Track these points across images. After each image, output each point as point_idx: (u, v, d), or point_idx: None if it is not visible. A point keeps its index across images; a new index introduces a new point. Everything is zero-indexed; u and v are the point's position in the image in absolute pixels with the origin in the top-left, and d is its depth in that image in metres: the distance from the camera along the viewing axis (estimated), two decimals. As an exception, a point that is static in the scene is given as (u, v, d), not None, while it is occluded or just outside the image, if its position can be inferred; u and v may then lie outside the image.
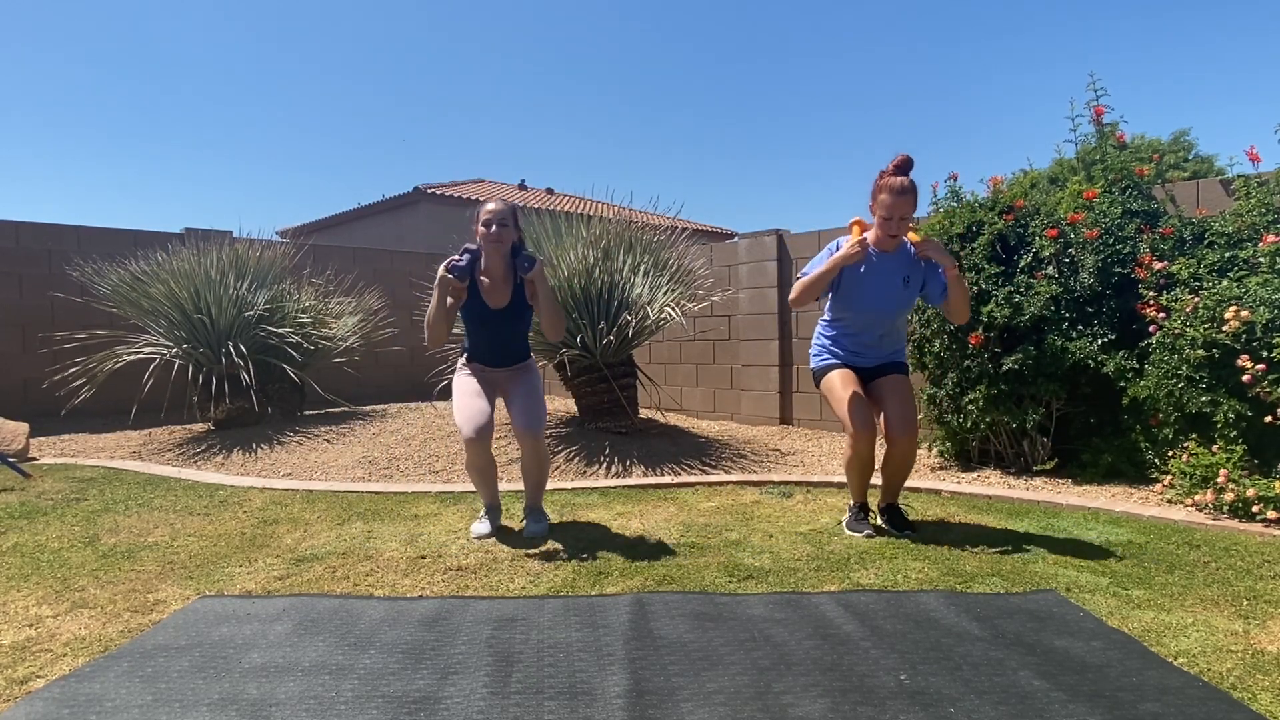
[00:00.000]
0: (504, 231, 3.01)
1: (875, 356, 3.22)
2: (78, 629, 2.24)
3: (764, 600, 2.39)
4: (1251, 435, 3.41)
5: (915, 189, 3.00)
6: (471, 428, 3.02)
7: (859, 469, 3.17)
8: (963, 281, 3.07)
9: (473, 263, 3.02)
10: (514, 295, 3.10)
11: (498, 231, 3.00)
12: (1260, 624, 2.19)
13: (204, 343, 5.66)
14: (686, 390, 7.19)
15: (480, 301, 3.08)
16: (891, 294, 3.10)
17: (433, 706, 1.74)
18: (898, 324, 3.23)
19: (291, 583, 2.63)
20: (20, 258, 6.76)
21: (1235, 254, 3.77)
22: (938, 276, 3.08)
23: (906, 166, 2.99)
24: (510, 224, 3.04)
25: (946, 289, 3.05)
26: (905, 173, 2.99)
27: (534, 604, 2.38)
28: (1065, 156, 5.11)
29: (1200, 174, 18.56)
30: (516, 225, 3.09)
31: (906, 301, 3.15)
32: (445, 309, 3.04)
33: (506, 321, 3.13)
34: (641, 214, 5.87)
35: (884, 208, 3.00)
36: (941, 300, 3.11)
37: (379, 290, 7.92)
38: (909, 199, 2.98)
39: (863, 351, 3.21)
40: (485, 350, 3.19)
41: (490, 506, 3.26)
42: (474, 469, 3.16)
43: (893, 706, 1.72)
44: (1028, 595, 2.42)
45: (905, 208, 2.98)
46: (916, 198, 3.00)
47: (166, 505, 3.77)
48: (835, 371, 3.19)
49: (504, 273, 3.09)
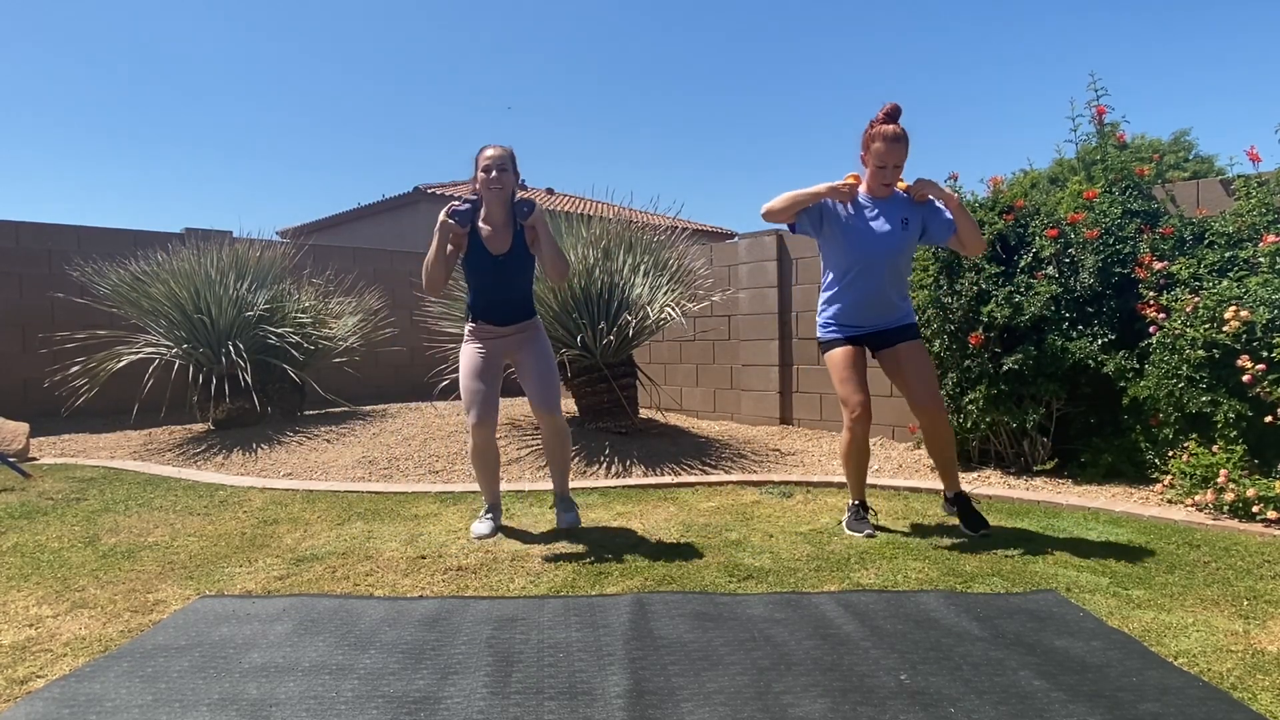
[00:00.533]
0: (504, 176, 3.01)
1: (881, 318, 3.11)
2: (78, 629, 2.24)
3: (764, 600, 2.39)
4: (1252, 435, 3.41)
5: (907, 136, 2.98)
6: (474, 414, 3.04)
7: (856, 456, 3.13)
8: (966, 211, 3.00)
9: (474, 211, 3.02)
10: (514, 241, 3.08)
11: (498, 176, 2.99)
12: (1260, 624, 2.19)
13: (204, 343, 5.66)
14: (686, 390, 7.19)
15: (482, 249, 3.05)
16: (889, 238, 3.02)
17: (433, 706, 1.74)
18: (901, 271, 3.11)
19: (291, 583, 2.63)
20: (20, 258, 6.75)
21: (1235, 254, 3.77)
22: (939, 215, 3.04)
23: (896, 114, 2.97)
24: (510, 169, 3.04)
25: (953, 224, 3.01)
26: (895, 120, 2.97)
27: (534, 604, 2.38)
28: (1065, 156, 5.11)
29: (1200, 174, 18.55)
30: (515, 170, 3.09)
31: (905, 243, 3.05)
32: (445, 255, 3.03)
33: (509, 269, 3.09)
34: (641, 214, 5.87)
35: (877, 156, 2.98)
36: (949, 236, 3.04)
37: (379, 290, 7.91)
38: (902, 146, 2.97)
39: (866, 312, 3.10)
40: (489, 304, 3.13)
41: (492, 505, 3.25)
42: (478, 456, 3.15)
43: (893, 706, 1.72)
44: (1028, 595, 2.42)
45: (898, 155, 2.97)
46: (908, 146, 2.98)
47: (166, 505, 3.77)
48: (839, 349, 3.13)
49: (504, 219, 3.07)
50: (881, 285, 3.08)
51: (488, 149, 3.06)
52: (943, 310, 4.38)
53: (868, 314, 3.12)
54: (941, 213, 3.05)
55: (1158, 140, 20.87)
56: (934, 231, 3.09)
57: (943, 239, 3.09)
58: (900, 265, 3.11)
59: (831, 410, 5.98)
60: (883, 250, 3.03)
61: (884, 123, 2.97)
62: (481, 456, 3.16)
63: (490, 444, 3.14)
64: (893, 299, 3.13)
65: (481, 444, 3.11)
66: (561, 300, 5.01)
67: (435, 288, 3.06)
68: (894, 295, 3.13)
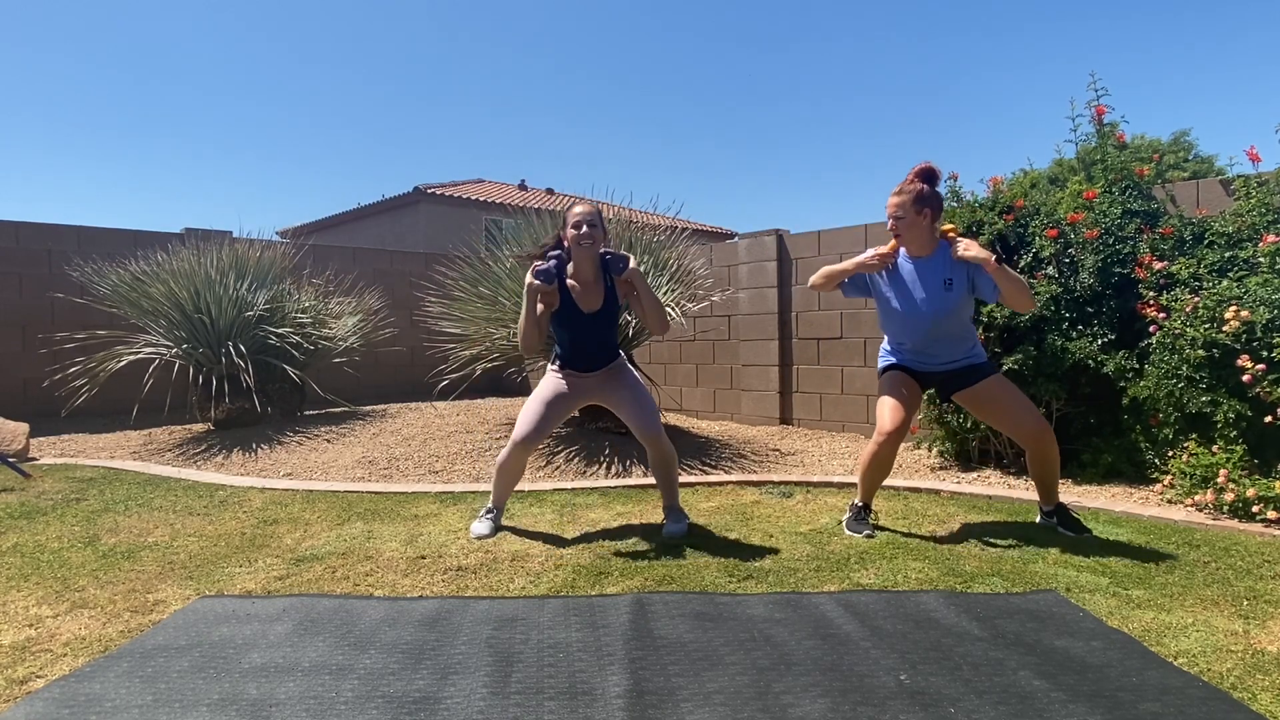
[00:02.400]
0: (594, 232, 2.98)
1: (942, 361, 3.12)
2: (78, 629, 2.24)
3: (764, 600, 2.39)
4: (1251, 435, 3.41)
5: (914, 192, 2.98)
6: (524, 432, 3.05)
7: (875, 469, 3.12)
8: (1006, 270, 2.93)
9: (560, 267, 2.99)
10: (606, 297, 3.07)
11: (589, 233, 2.97)
12: (1260, 624, 2.19)
13: (204, 343, 5.66)
14: (686, 390, 7.19)
15: (573, 306, 3.03)
16: (933, 301, 3.01)
17: (433, 706, 1.74)
18: (950, 328, 3.06)
19: (291, 583, 2.63)
20: (20, 258, 6.75)
21: (1235, 254, 3.77)
22: (985, 274, 3.00)
23: (919, 175, 3.03)
24: (599, 224, 3.02)
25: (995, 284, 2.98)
26: (923, 180, 3.01)
27: (534, 604, 2.38)
28: (1065, 156, 5.11)
29: (1200, 174, 18.55)
30: (604, 227, 3.08)
31: (951, 304, 3.00)
32: (536, 316, 2.98)
33: (599, 325, 3.08)
34: (641, 214, 5.87)
35: (887, 209, 3.05)
36: (996, 296, 3.00)
37: (379, 290, 7.91)
38: (902, 199, 2.99)
39: (927, 363, 3.14)
40: (578, 355, 3.13)
41: (497, 507, 3.26)
42: (505, 471, 3.15)
43: (893, 706, 1.72)
44: (1028, 595, 2.42)
45: (897, 208, 3.00)
46: (917, 198, 2.98)
47: (166, 505, 3.77)
48: (891, 372, 3.18)
49: (594, 275, 3.05)
50: (936, 342, 3.09)
51: (576, 205, 3.05)
52: (943, 310, 4.38)
53: (928, 363, 3.15)
54: (986, 273, 2.96)
55: (1157, 140, 20.88)
56: (982, 290, 3.00)
57: (991, 300, 3.03)
58: (953, 323, 3.06)
59: (831, 410, 5.98)
60: (927, 314, 3.03)
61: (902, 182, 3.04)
62: (508, 472, 3.17)
63: (522, 465, 3.16)
64: (957, 351, 3.11)
65: (515, 462, 3.12)
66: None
67: (531, 349, 3.06)
68: (958, 348, 3.11)
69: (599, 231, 3.01)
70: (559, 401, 3.12)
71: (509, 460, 3.12)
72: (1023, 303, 2.98)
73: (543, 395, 3.13)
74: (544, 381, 3.18)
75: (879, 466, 3.11)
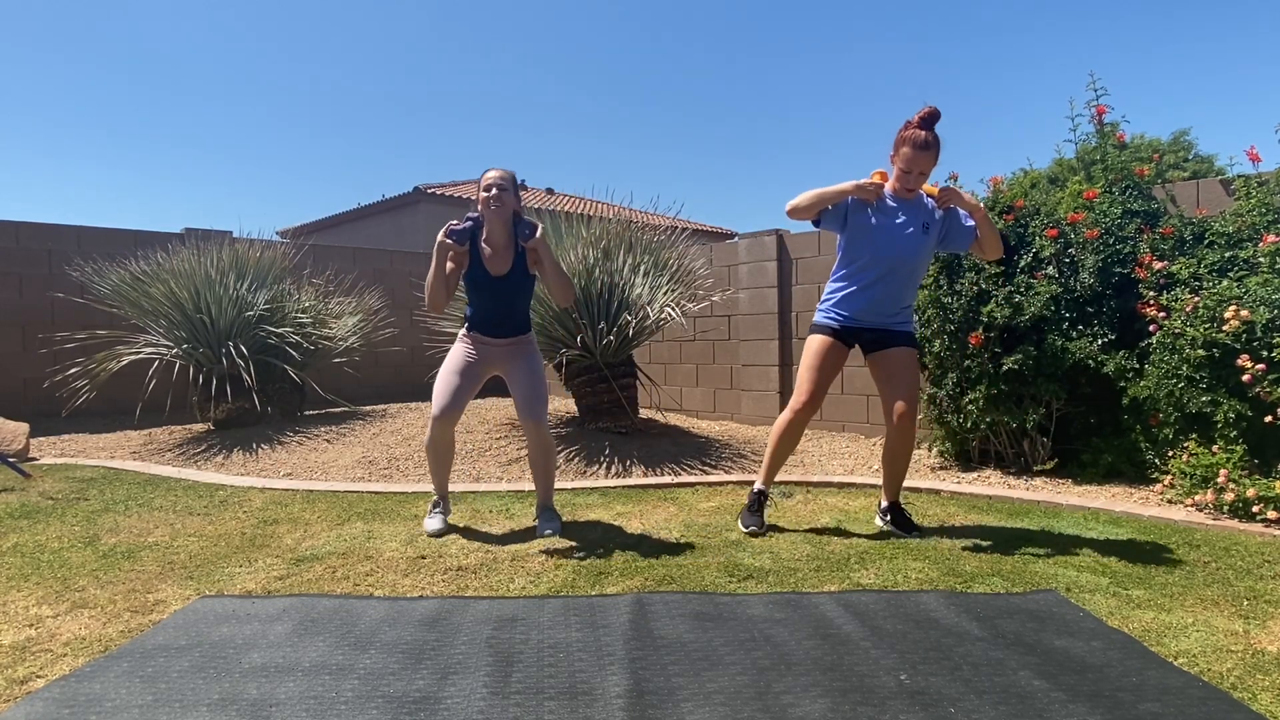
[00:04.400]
0: (504, 197, 3.06)
1: (882, 317, 3.12)
2: (78, 629, 2.24)
3: (764, 600, 2.39)
4: (1252, 435, 3.41)
5: (939, 144, 2.98)
6: (440, 406, 3.11)
7: (789, 440, 3.18)
8: (990, 220, 3.05)
9: (474, 229, 3.07)
10: (515, 263, 3.13)
11: (498, 195, 3.05)
12: (1260, 624, 2.19)
13: (204, 343, 5.66)
14: (686, 390, 7.19)
15: (482, 269, 3.10)
16: (910, 240, 3.03)
17: (433, 706, 1.74)
18: (917, 274, 3.11)
19: (291, 583, 2.63)
20: (20, 258, 6.75)
21: (1235, 254, 3.77)
22: (961, 222, 3.07)
23: (932, 119, 2.97)
24: (510, 189, 3.09)
25: (974, 231, 3.05)
26: (930, 126, 2.97)
27: (534, 604, 2.38)
28: (1065, 156, 5.10)
29: (1200, 174, 18.54)
30: (516, 193, 3.14)
31: (926, 249, 3.07)
32: (445, 274, 3.08)
33: (507, 290, 3.14)
34: (641, 214, 5.87)
35: (904, 160, 2.99)
36: (970, 242, 3.08)
37: (379, 290, 7.91)
38: (930, 154, 2.97)
39: (874, 309, 3.10)
40: (486, 319, 3.19)
41: (440, 496, 3.30)
42: (433, 447, 3.19)
43: (893, 706, 1.72)
44: (1028, 595, 2.42)
45: (925, 163, 2.97)
46: (938, 153, 2.99)
47: (166, 505, 3.77)
48: (824, 337, 3.14)
49: (505, 240, 3.12)
50: (897, 286, 3.09)
51: (490, 171, 3.12)
52: (943, 310, 4.38)
53: (874, 311, 3.12)
54: (963, 219, 3.08)
55: (1157, 140, 20.86)
56: (955, 237, 3.11)
57: (964, 245, 3.12)
58: (917, 268, 3.11)
59: (831, 410, 5.98)
60: (904, 251, 3.05)
61: (918, 127, 2.97)
62: (436, 448, 3.20)
63: (448, 438, 3.20)
64: (903, 301, 3.14)
65: (439, 436, 3.16)
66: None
67: (438, 305, 3.10)
68: (905, 298, 3.14)
69: (509, 197, 3.08)
70: (468, 370, 3.17)
71: (432, 437, 3.17)
72: (997, 249, 3.08)
73: (452, 366, 3.18)
74: (452, 351, 3.22)
75: (792, 438, 3.18)
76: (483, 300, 3.16)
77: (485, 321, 3.19)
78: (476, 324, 3.21)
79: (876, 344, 3.16)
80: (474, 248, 3.10)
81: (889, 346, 3.13)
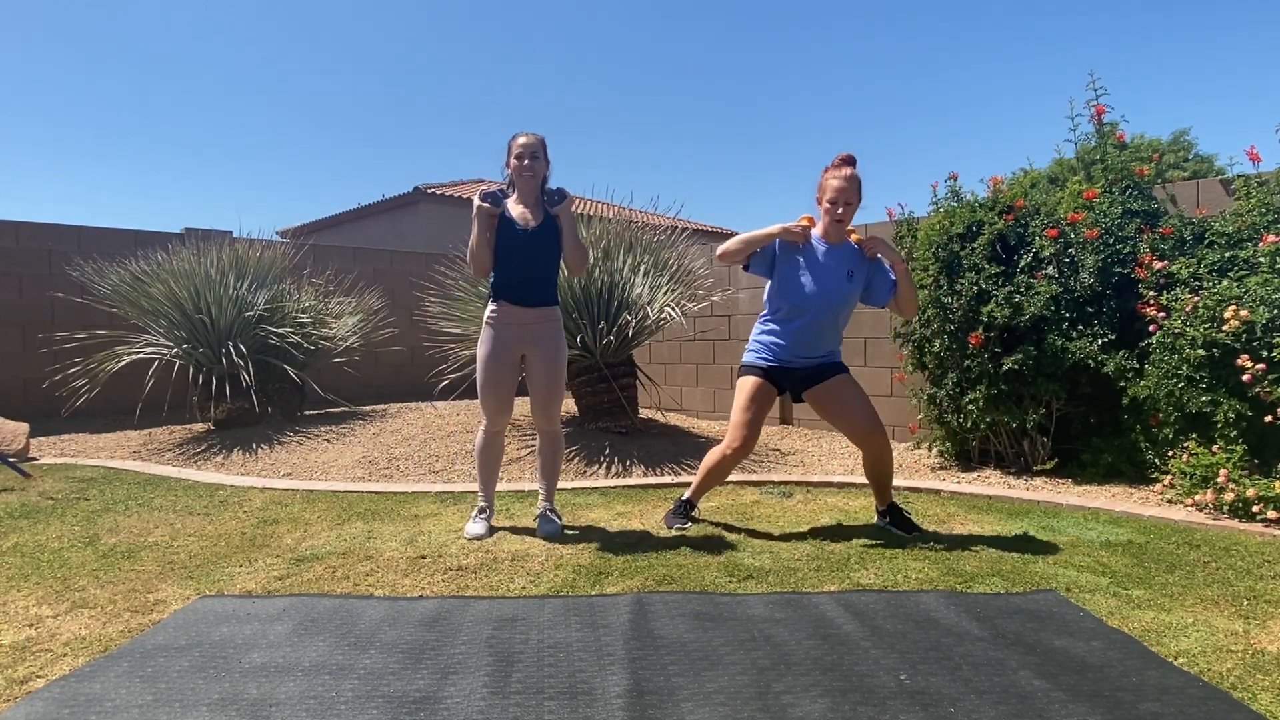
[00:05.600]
0: (535, 164, 3.12)
1: (811, 356, 3.17)
2: (78, 629, 2.24)
3: (764, 600, 2.39)
4: (1252, 435, 3.41)
5: (859, 180, 3.08)
6: (492, 415, 3.21)
7: (719, 474, 3.25)
8: (910, 277, 3.13)
9: (505, 196, 3.15)
10: (545, 219, 3.16)
11: (530, 164, 3.11)
12: (1260, 624, 2.19)
13: (204, 343, 5.66)
14: (686, 390, 7.19)
15: (512, 225, 3.12)
16: (835, 286, 3.09)
17: (433, 706, 1.74)
18: (837, 318, 3.16)
19: (291, 583, 2.63)
20: (20, 258, 6.75)
21: (1235, 254, 3.77)
22: (884, 274, 3.13)
23: (849, 160, 3.11)
24: (541, 155, 3.15)
25: (895, 286, 3.11)
26: (849, 164, 3.09)
27: (534, 604, 2.38)
28: (1065, 156, 5.10)
29: (1200, 174, 18.56)
30: (546, 157, 3.18)
31: (849, 296, 3.12)
32: (486, 237, 3.11)
33: (537, 245, 3.13)
34: (641, 214, 5.87)
35: (831, 191, 3.06)
36: (888, 298, 3.14)
37: (379, 290, 7.91)
38: (854, 186, 3.06)
39: (798, 351, 3.15)
40: (515, 281, 3.15)
41: (487, 505, 3.27)
42: (485, 453, 3.27)
43: (893, 706, 1.72)
44: (1028, 595, 2.42)
45: (850, 193, 3.05)
46: (860, 189, 3.09)
47: (166, 505, 3.77)
48: (754, 378, 3.17)
49: (535, 201, 3.17)
50: (820, 329, 3.14)
51: (520, 136, 3.15)
52: (943, 310, 4.38)
53: (800, 353, 3.17)
54: (887, 274, 3.13)
55: (1157, 140, 20.88)
56: (875, 290, 3.16)
57: (881, 301, 3.18)
58: (840, 315, 3.16)
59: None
60: (827, 296, 3.09)
61: (838, 166, 3.08)
62: (488, 455, 3.27)
63: (500, 444, 3.28)
64: (828, 345, 3.20)
65: (493, 442, 3.25)
66: (562, 300, 5.01)
67: (483, 269, 3.14)
68: (830, 340, 3.19)
69: (540, 163, 3.14)
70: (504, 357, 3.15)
71: (486, 443, 3.25)
72: (912, 308, 3.18)
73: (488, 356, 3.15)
74: (483, 340, 3.19)
75: (723, 473, 3.26)
76: (511, 258, 3.14)
77: (515, 285, 3.15)
78: (505, 290, 3.16)
79: (809, 380, 3.19)
80: (504, 211, 3.15)
81: (823, 380, 3.17)
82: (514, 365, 3.18)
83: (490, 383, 3.16)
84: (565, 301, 4.99)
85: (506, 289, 3.16)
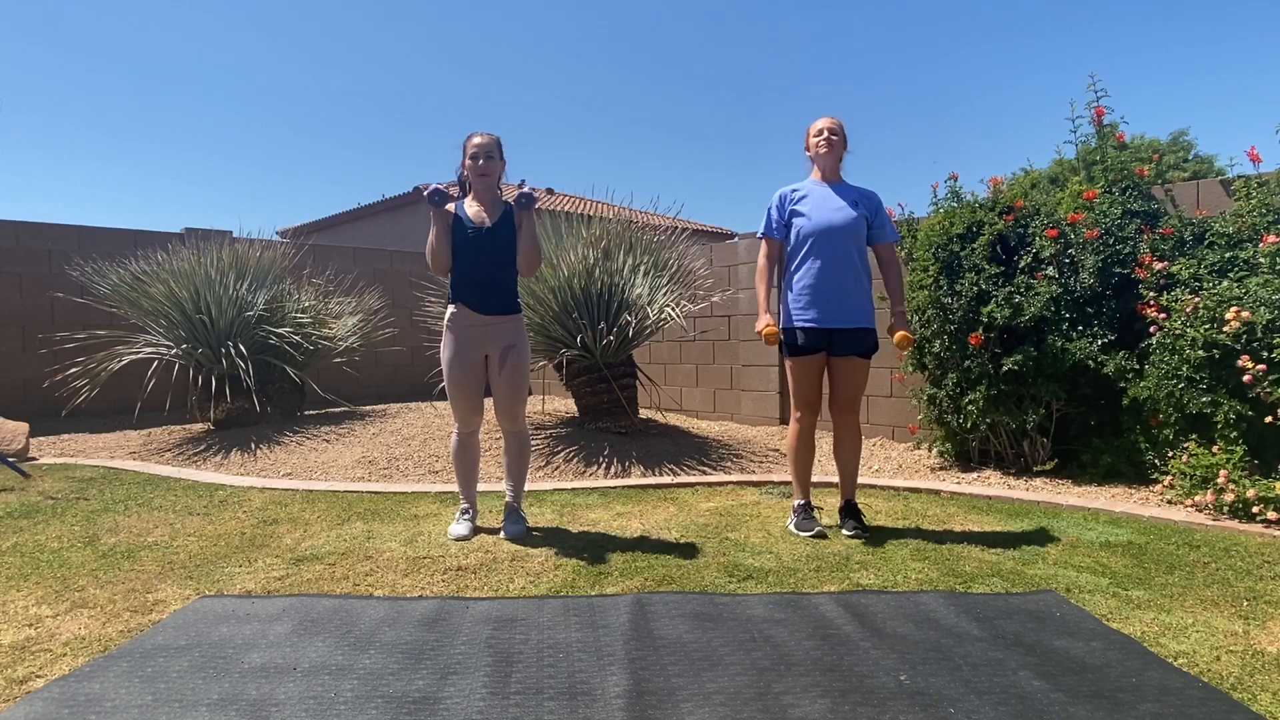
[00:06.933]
0: (490, 164, 3.10)
1: (848, 310, 3.16)
2: (78, 629, 2.24)
3: (764, 600, 2.39)
4: (1252, 435, 3.41)
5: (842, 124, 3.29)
6: (462, 419, 3.19)
7: (805, 455, 3.28)
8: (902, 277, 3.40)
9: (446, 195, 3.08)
10: (502, 219, 3.12)
11: (485, 164, 3.08)
12: (1260, 624, 2.19)
13: (204, 343, 5.66)
14: (686, 390, 7.19)
15: (468, 223, 3.09)
16: (840, 212, 3.17)
17: (433, 706, 1.74)
18: (858, 262, 3.19)
19: (291, 583, 2.63)
20: (20, 258, 6.75)
21: (1235, 254, 3.77)
22: (886, 223, 3.29)
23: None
24: (496, 155, 3.13)
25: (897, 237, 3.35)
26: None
27: (534, 604, 2.38)
28: (1065, 157, 5.11)
29: (1200, 174, 18.56)
30: (501, 156, 3.16)
31: (855, 222, 3.18)
32: (444, 235, 3.09)
33: (492, 243, 3.08)
34: (641, 214, 5.87)
35: (816, 129, 3.25)
36: (897, 237, 3.35)
37: (379, 290, 7.92)
38: (838, 124, 3.27)
39: (828, 293, 3.15)
40: (472, 281, 3.10)
41: (469, 505, 3.29)
42: (460, 456, 3.27)
43: (893, 707, 1.72)
44: (1028, 596, 2.42)
45: (835, 128, 3.25)
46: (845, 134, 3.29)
47: (166, 505, 3.77)
48: (806, 358, 3.22)
49: (491, 199, 3.15)
50: (840, 270, 3.15)
51: (475, 136, 3.12)
52: (943, 310, 4.38)
53: (829, 297, 3.15)
54: (889, 221, 3.31)
55: (1157, 140, 20.88)
56: (877, 229, 3.27)
57: (894, 235, 3.32)
58: (853, 248, 3.18)
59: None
60: (832, 222, 3.16)
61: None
62: (462, 456, 3.27)
63: (474, 446, 3.27)
64: (851, 285, 3.17)
65: (467, 444, 3.24)
66: (561, 300, 5.01)
67: (441, 267, 3.12)
68: (855, 290, 3.18)
69: (495, 164, 3.12)
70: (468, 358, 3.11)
71: (460, 446, 3.26)
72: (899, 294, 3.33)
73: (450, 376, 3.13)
74: (444, 344, 3.16)
75: (808, 452, 3.29)
76: (466, 258, 3.09)
77: (471, 284, 3.09)
78: (463, 292, 3.11)
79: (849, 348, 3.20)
80: (459, 207, 3.12)
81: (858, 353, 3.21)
82: (478, 367, 3.15)
83: (457, 387, 3.13)
84: (565, 301, 5.00)
85: (463, 288, 3.12)
